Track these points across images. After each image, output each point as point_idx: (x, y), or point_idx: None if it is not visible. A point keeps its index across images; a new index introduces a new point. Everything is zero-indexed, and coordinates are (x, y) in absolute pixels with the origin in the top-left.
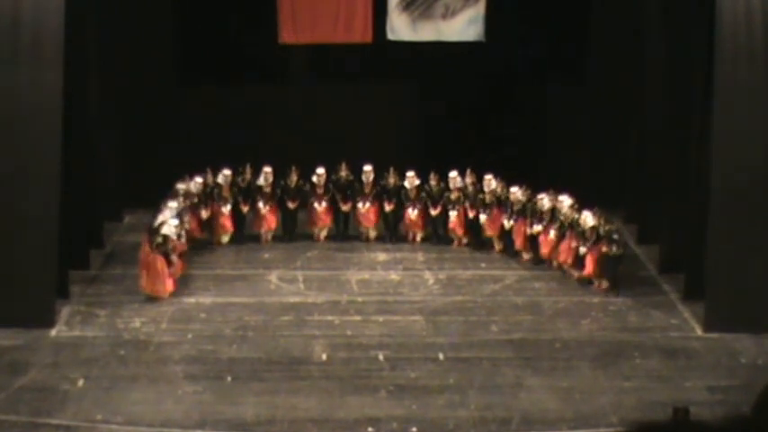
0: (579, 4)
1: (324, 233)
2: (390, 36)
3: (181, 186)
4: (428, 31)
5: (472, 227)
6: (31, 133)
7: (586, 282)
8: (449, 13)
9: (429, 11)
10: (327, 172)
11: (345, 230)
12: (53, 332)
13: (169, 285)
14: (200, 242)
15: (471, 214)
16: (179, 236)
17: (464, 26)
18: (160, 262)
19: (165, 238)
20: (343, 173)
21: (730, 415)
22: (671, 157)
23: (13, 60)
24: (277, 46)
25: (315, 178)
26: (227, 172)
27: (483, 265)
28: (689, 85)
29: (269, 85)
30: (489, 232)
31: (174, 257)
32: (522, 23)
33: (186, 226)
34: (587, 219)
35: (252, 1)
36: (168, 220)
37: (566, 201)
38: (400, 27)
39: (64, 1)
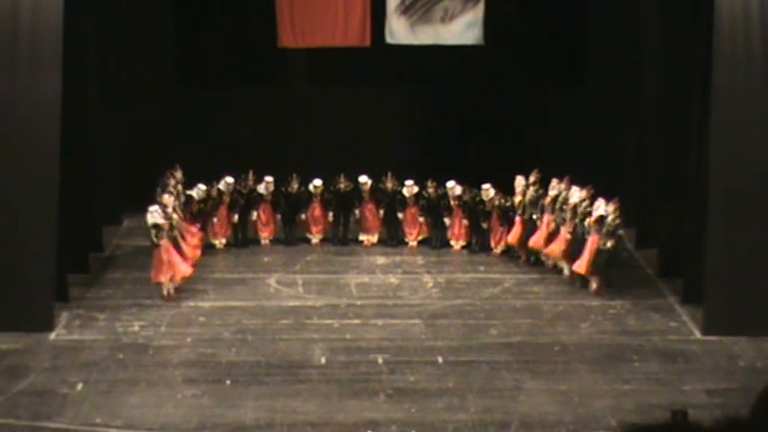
0: (579, 6)
1: (317, 239)
2: (389, 40)
3: (169, 192)
4: (427, 35)
5: (473, 232)
6: (29, 136)
7: (579, 280)
8: (447, 17)
9: (428, 15)
10: (326, 182)
11: (344, 237)
12: (52, 336)
13: (186, 267)
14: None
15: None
16: (167, 215)
17: (463, 30)
18: (164, 252)
19: (157, 226)
20: (342, 184)
21: (728, 418)
22: (670, 161)
23: (11, 64)
24: (276, 49)
25: (312, 188)
26: (229, 180)
27: (482, 268)
28: (688, 87)
29: (269, 88)
30: (493, 242)
31: (181, 232)
32: (522, 26)
33: (171, 208)
34: (599, 207)
35: (251, 4)
36: (149, 212)
37: (576, 193)
38: (399, 31)
39: (63, 4)
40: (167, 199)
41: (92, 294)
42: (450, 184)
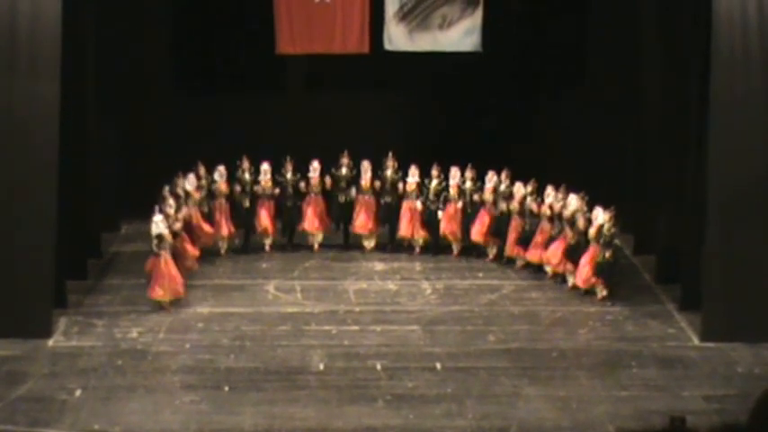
0: (577, 11)
1: (319, 238)
2: (387, 46)
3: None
4: (425, 42)
5: (464, 229)
6: (28, 143)
7: (582, 291)
8: (446, 24)
9: (426, 21)
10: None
11: (346, 230)
12: (50, 342)
13: (180, 284)
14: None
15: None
16: (170, 225)
17: (461, 37)
18: (164, 262)
19: (159, 237)
20: (344, 170)
21: (726, 424)
22: (668, 167)
23: (9, 69)
24: (275, 56)
25: (311, 172)
26: (221, 168)
27: (480, 274)
28: (686, 93)
29: (268, 95)
30: (478, 237)
31: (182, 245)
32: (520, 31)
33: (174, 216)
34: (598, 216)
35: (250, 12)
36: (153, 220)
37: (573, 202)
38: (397, 37)
39: (61, 11)
40: (170, 210)
41: (90, 301)
42: (453, 170)
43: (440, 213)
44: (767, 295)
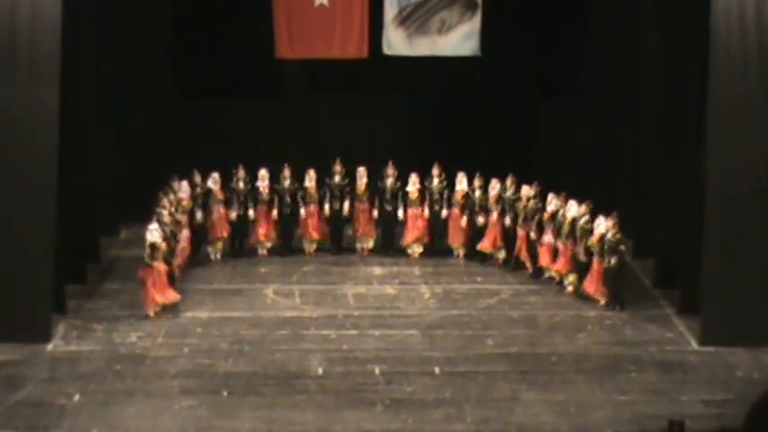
0: (576, 16)
1: (314, 246)
2: (386, 51)
3: (164, 207)
4: (424, 46)
5: (472, 236)
6: (28, 148)
7: (582, 295)
8: (444, 29)
9: (425, 26)
10: (320, 176)
11: (339, 243)
12: (49, 347)
13: (170, 293)
14: (199, 256)
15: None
16: (165, 233)
17: (460, 41)
18: (156, 273)
19: (153, 246)
20: (337, 178)
21: (725, 428)
22: (667, 171)
23: (9, 76)
24: (274, 61)
25: (307, 181)
26: (215, 175)
27: (479, 279)
28: (685, 97)
29: (267, 99)
30: (486, 244)
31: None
32: (518, 36)
33: (170, 227)
34: (600, 225)
35: (249, 16)
36: (149, 228)
37: (573, 207)
38: (396, 42)
39: (61, 18)
40: (166, 215)
41: (89, 305)
42: (460, 175)
43: (444, 213)
44: (766, 299)
